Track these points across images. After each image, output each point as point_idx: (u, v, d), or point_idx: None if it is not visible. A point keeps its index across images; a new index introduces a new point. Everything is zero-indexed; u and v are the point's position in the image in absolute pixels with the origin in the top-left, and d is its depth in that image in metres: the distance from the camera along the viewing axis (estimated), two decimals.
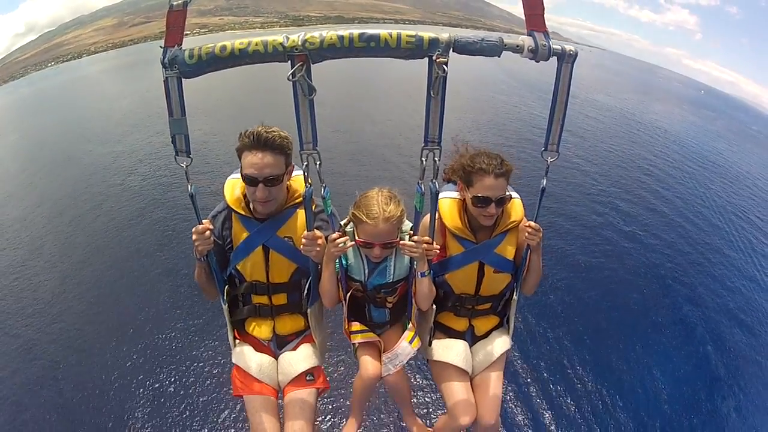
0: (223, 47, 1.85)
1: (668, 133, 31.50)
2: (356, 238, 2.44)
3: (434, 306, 2.63)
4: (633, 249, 12.49)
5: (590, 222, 13.57)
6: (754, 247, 14.22)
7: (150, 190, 15.10)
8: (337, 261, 2.46)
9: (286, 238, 2.48)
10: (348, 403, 6.73)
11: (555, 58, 2.02)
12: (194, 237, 2.30)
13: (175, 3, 1.88)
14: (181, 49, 1.90)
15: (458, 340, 2.77)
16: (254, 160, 2.24)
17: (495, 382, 2.68)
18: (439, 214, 2.49)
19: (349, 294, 2.61)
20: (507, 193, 2.47)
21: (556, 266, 10.82)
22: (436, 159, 2.05)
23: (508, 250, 2.59)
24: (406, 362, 2.65)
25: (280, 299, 2.62)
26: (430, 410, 6.68)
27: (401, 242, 2.44)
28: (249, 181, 2.28)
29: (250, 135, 2.24)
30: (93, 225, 13.67)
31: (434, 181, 2.13)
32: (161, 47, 1.91)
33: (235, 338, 2.73)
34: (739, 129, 50.12)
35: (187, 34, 1.95)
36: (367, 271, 2.55)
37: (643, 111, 40.40)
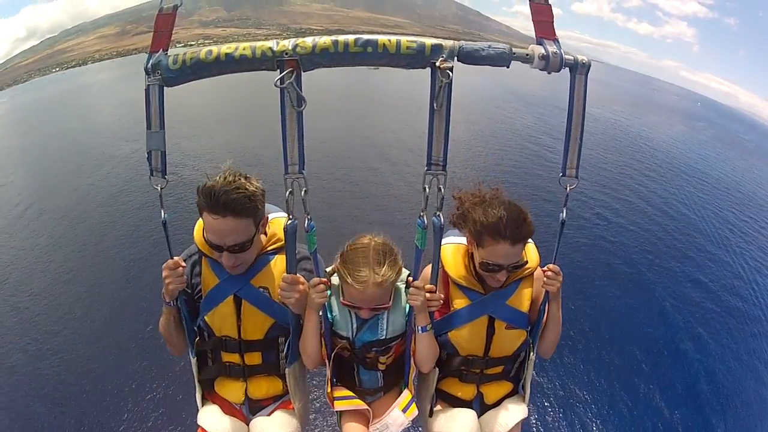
0: (209, 52, 1.72)
1: (659, 143, 32.96)
2: (341, 298, 2.12)
3: (436, 369, 2.29)
4: (624, 279, 12.48)
5: (581, 259, 13.41)
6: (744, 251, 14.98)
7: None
8: (321, 313, 2.15)
9: (261, 289, 2.18)
10: None
11: (567, 69, 1.85)
12: (165, 273, 2.03)
13: (165, 6, 1.78)
14: (166, 54, 1.77)
15: (464, 409, 2.38)
16: (215, 226, 1.95)
17: None
18: (441, 262, 2.17)
19: (334, 352, 2.25)
20: (522, 259, 2.14)
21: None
22: (440, 186, 1.80)
23: (523, 302, 2.26)
24: None
25: (253, 359, 2.30)
26: None
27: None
28: (212, 247, 2.01)
29: (208, 195, 1.91)
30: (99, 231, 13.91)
31: (439, 214, 1.86)
32: (146, 52, 1.78)
33: (203, 397, 2.41)
34: (730, 138, 51.89)
35: (191, 44, 1.80)
36: (355, 327, 2.19)
37: (636, 123, 41.75)
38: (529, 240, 2.28)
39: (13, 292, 10.89)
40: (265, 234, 2.25)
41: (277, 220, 2.27)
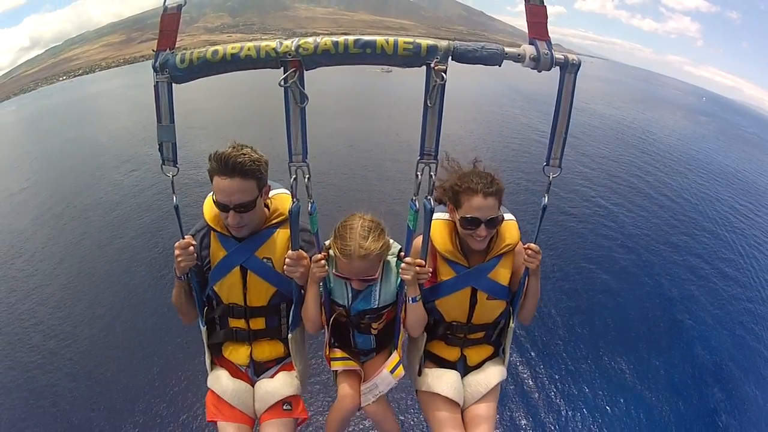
0: (215, 52, 1.81)
1: (663, 137, 33.49)
2: (333, 270, 2.30)
3: (425, 333, 2.50)
4: (621, 260, 13.11)
5: (585, 232, 14.26)
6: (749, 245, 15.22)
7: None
8: (321, 283, 2.33)
9: (265, 259, 2.35)
10: None
11: (558, 67, 1.94)
12: (177, 252, 2.20)
13: (169, 6, 1.85)
14: (173, 53, 1.86)
15: (449, 370, 2.60)
16: (223, 186, 2.11)
17: (487, 415, 2.50)
18: (430, 238, 2.34)
19: (332, 318, 2.45)
20: (498, 215, 2.31)
21: (550, 284, 11.17)
22: (431, 173, 1.96)
23: (503, 275, 2.42)
24: (387, 392, 2.47)
25: (258, 324, 2.48)
26: None
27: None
28: (219, 207, 2.18)
29: (218, 159, 2.10)
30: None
31: (429, 197, 2.03)
32: (153, 51, 1.87)
33: (212, 362, 2.60)
34: (733, 131, 52.52)
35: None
36: (350, 296, 2.38)
37: (641, 119, 42.32)
38: (510, 217, 2.47)
39: (65, 283, 11.64)
40: (268, 208, 2.40)
41: (279, 195, 2.43)
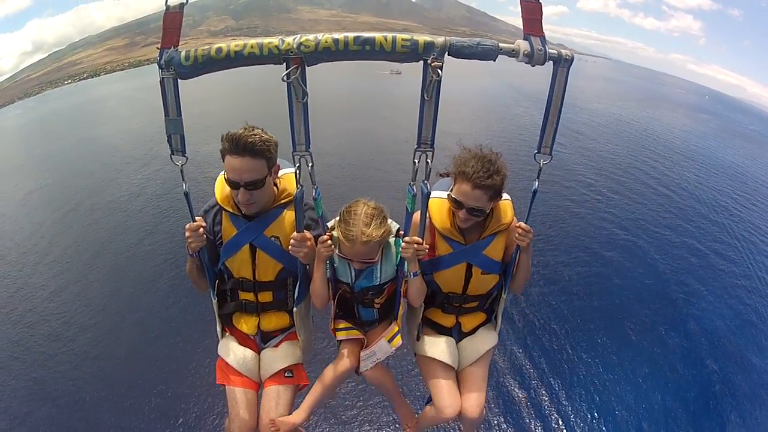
0: (219, 49, 1.88)
1: (665, 134, 33.93)
2: (337, 251, 2.42)
3: (423, 303, 2.66)
4: (620, 241, 13.72)
5: (579, 221, 14.80)
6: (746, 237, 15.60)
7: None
8: (327, 262, 2.46)
9: (272, 238, 2.48)
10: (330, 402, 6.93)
11: (551, 62, 2.00)
12: (187, 234, 2.32)
13: (171, 5, 1.92)
14: (177, 50, 1.93)
15: (444, 337, 2.78)
16: (234, 164, 2.22)
17: (479, 377, 2.70)
18: (429, 214, 2.47)
19: (338, 294, 2.64)
20: (485, 207, 2.39)
21: (544, 265, 11.73)
22: (428, 161, 2.08)
23: (497, 252, 2.57)
24: (384, 359, 2.65)
25: (266, 297, 2.64)
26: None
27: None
28: (231, 184, 2.30)
29: (230, 139, 2.21)
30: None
31: (426, 182, 2.14)
32: (157, 48, 1.94)
33: (222, 330, 2.77)
34: (734, 129, 52.93)
35: None
36: (353, 275, 2.54)
37: (642, 117, 42.47)
38: (506, 197, 2.58)
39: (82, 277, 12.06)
40: (276, 188, 2.51)
41: (288, 176, 2.52)
